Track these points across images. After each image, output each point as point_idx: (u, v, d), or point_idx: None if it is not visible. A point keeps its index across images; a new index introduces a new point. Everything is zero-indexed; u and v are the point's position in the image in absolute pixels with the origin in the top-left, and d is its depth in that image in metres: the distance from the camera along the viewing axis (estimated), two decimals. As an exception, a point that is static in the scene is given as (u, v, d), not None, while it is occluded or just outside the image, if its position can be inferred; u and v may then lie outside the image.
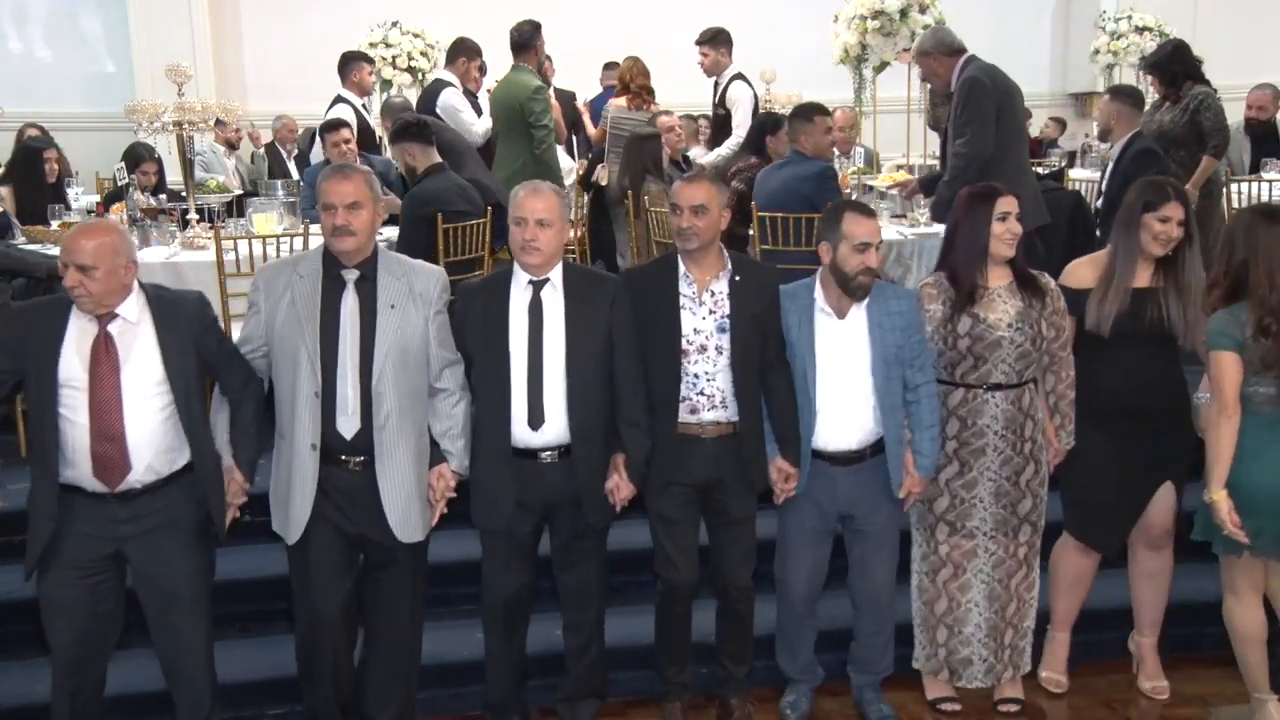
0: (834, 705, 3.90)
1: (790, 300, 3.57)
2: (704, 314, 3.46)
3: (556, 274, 3.41)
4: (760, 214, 5.35)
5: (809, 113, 5.55)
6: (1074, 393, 3.66)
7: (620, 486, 3.45)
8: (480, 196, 5.69)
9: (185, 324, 3.15)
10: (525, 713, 3.72)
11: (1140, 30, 9.19)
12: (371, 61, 7.67)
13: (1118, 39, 9.22)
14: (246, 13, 10.10)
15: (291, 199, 6.29)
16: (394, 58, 8.36)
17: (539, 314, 3.38)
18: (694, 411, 3.48)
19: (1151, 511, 3.78)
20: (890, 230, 6.03)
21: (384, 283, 3.27)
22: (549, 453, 3.40)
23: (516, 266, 3.42)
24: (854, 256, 3.46)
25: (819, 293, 3.55)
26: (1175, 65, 6.18)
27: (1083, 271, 3.72)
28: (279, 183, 6.56)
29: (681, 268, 3.50)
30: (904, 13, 6.54)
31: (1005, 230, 3.53)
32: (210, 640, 3.33)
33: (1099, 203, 5.73)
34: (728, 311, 3.46)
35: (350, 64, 7.43)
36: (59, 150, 6.41)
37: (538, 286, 3.39)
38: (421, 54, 8.45)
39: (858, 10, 6.72)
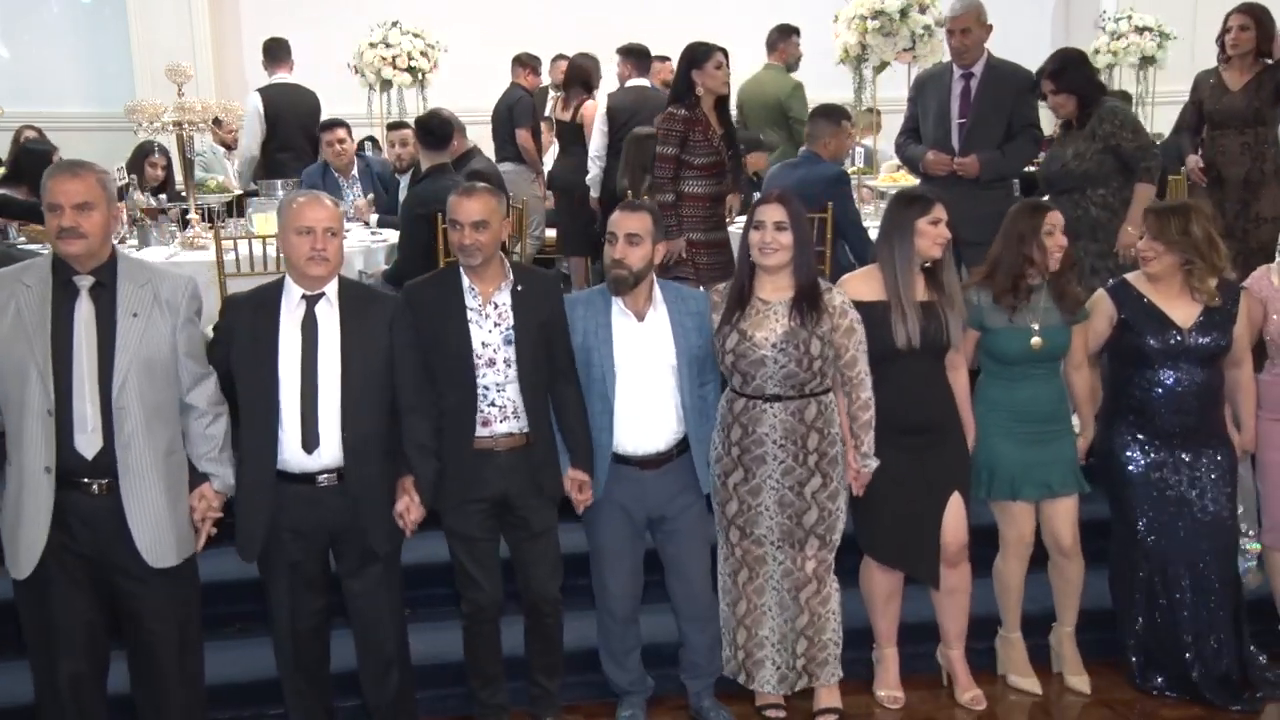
0: (670, 718, 3.81)
1: (583, 307, 3.54)
2: (489, 326, 3.40)
3: (332, 289, 3.26)
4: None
5: (836, 116, 5.51)
6: (869, 414, 3.53)
7: (411, 509, 3.32)
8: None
9: None
10: None
11: (1140, 30, 9.18)
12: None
13: (1118, 39, 9.21)
14: (246, 13, 10.07)
15: (291, 199, 6.27)
16: (394, 58, 8.35)
17: (313, 330, 3.22)
18: (486, 424, 3.41)
19: (945, 528, 3.70)
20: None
21: (125, 290, 3.04)
22: (326, 476, 3.22)
23: (289, 280, 3.26)
24: (607, 248, 3.46)
25: (616, 297, 3.51)
26: (1089, 78, 4.93)
27: (857, 285, 3.66)
28: (279, 183, 6.57)
29: (465, 280, 3.42)
30: (904, 13, 6.53)
31: (760, 239, 3.49)
32: None
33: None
34: (512, 323, 3.40)
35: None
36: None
37: (311, 302, 3.23)
38: (421, 54, 8.45)
39: (858, 10, 6.72)
